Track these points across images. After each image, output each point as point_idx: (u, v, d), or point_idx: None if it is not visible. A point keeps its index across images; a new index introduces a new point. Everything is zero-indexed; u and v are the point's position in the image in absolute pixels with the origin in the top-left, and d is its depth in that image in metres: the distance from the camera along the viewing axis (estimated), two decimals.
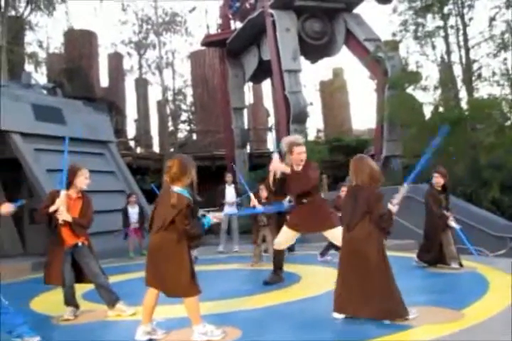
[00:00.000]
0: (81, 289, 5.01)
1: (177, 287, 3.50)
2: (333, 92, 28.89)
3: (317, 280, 6.04)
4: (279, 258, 5.73)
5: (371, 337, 3.36)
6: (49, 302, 5.58)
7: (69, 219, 4.47)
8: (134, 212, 10.03)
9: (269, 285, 5.59)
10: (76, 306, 4.62)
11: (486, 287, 4.77)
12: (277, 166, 5.31)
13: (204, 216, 3.69)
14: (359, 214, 3.82)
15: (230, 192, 9.75)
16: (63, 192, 4.50)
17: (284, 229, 5.54)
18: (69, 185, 4.59)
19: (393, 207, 3.86)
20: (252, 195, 7.31)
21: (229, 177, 9.96)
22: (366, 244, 3.76)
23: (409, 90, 14.00)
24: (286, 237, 5.54)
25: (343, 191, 6.94)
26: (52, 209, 4.46)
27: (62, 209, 4.45)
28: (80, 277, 4.63)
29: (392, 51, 14.51)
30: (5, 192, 11.69)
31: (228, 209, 9.59)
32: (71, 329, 4.28)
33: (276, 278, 5.73)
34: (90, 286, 4.76)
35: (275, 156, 5.36)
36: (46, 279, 4.59)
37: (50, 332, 4.08)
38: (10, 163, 11.31)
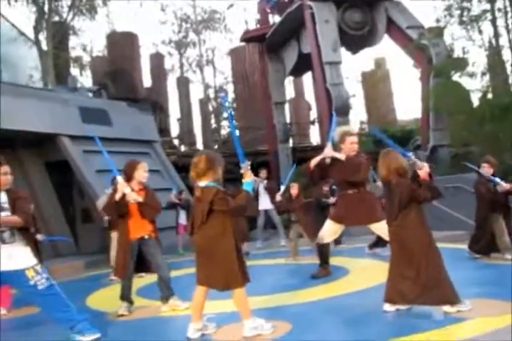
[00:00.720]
0: (135, 285, 5.12)
1: (225, 278, 3.51)
2: (375, 83, 28.35)
3: (366, 273, 5.97)
4: (324, 251, 5.68)
5: (424, 329, 3.30)
6: (104, 298, 5.78)
7: (139, 199, 4.58)
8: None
9: (317, 279, 5.57)
10: (130, 301, 4.74)
11: None
12: (331, 152, 5.27)
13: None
14: (396, 208, 3.76)
15: (262, 188, 9.77)
16: (119, 177, 4.64)
17: (328, 221, 5.48)
18: (129, 179, 4.70)
19: (422, 170, 3.75)
20: (281, 188, 7.67)
21: (263, 173, 9.98)
22: (411, 232, 3.71)
23: (456, 77, 13.57)
24: (329, 230, 5.47)
25: None
26: (118, 196, 4.56)
27: (128, 191, 4.55)
28: (140, 267, 4.76)
29: (436, 38, 14.06)
30: (57, 194, 12.13)
31: (264, 204, 9.66)
32: (126, 325, 4.41)
33: (324, 272, 5.70)
34: (144, 283, 4.88)
35: (328, 145, 5.33)
36: (115, 273, 4.71)
37: (106, 327, 4.18)
38: (60, 165, 11.74)
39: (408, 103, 60.98)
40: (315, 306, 4.41)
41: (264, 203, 9.68)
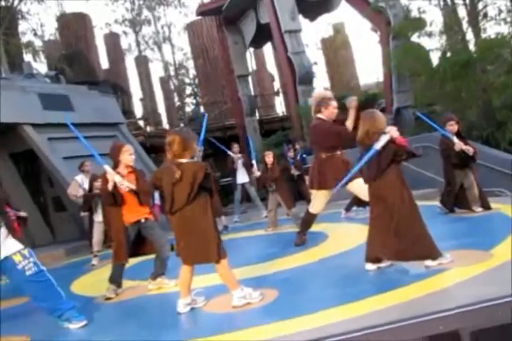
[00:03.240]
0: None
1: (206, 253, 3.56)
2: (336, 49, 28.34)
3: (345, 236, 6.13)
4: (310, 221, 5.71)
5: (407, 282, 3.44)
6: (88, 284, 5.77)
7: (132, 186, 4.55)
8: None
9: (300, 246, 5.68)
10: (119, 284, 4.75)
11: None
12: None
13: None
14: (377, 168, 3.84)
15: (240, 163, 9.82)
16: (107, 166, 4.60)
17: (314, 192, 5.46)
18: (115, 164, 4.66)
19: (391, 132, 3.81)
20: (254, 164, 7.72)
21: (235, 147, 10.02)
22: (391, 191, 3.80)
23: (415, 38, 13.66)
24: (319, 199, 5.43)
25: None
26: (110, 186, 4.51)
27: (120, 179, 4.52)
28: (138, 250, 4.77)
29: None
30: (26, 184, 11.88)
31: (240, 178, 9.77)
32: (115, 307, 4.43)
33: (303, 239, 5.80)
34: (128, 264, 4.88)
35: None
36: (115, 258, 4.68)
37: (94, 311, 4.21)
38: (26, 155, 11.46)
39: (370, 67, 61.30)
40: (299, 271, 4.52)
41: (241, 177, 9.77)
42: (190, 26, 26.65)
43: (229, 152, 9.81)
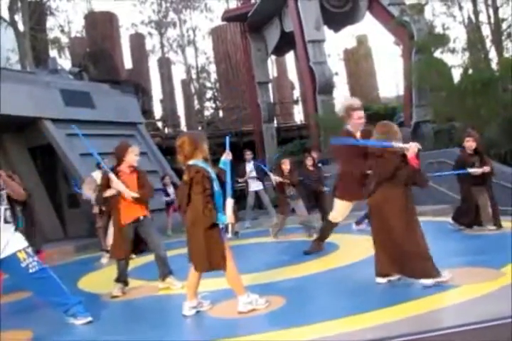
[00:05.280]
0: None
1: (212, 260, 3.56)
2: (358, 60, 28.33)
3: (355, 248, 6.08)
4: (328, 230, 5.66)
5: (415, 297, 3.42)
6: (96, 281, 5.80)
7: (136, 195, 4.61)
8: (170, 192, 10.28)
9: (310, 254, 5.65)
10: (126, 282, 4.77)
11: None
12: None
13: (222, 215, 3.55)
14: (374, 181, 3.83)
15: (249, 169, 9.93)
16: (111, 175, 4.64)
17: (336, 201, 5.37)
18: (119, 162, 4.72)
19: (410, 149, 3.73)
20: (270, 174, 7.70)
21: (248, 154, 10.07)
22: (391, 207, 3.76)
23: (437, 54, 13.62)
24: (340, 209, 5.36)
25: None
26: (109, 193, 4.58)
27: (124, 189, 4.58)
28: (134, 248, 4.80)
29: (417, 14, 14.07)
30: (41, 178, 12.02)
31: (253, 186, 9.84)
32: (121, 306, 4.46)
33: (318, 248, 5.75)
34: (137, 264, 4.92)
35: None
36: (112, 254, 4.73)
37: (101, 309, 4.22)
38: (44, 150, 11.60)
39: (391, 80, 61.05)
40: (308, 280, 4.51)
41: (254, 184, 9.83)
42: (214, 31, 26.87)
43: (269, 173, 8.67)
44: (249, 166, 9.96)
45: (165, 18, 26.57)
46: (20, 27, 17.66)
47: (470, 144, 6.14)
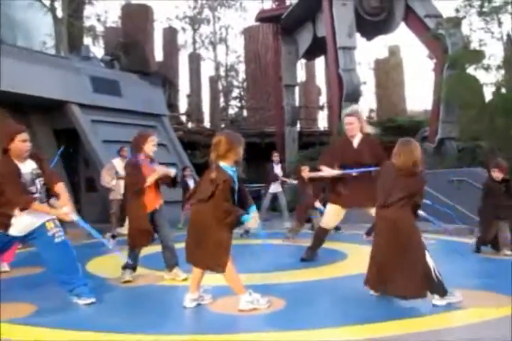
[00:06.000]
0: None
1: (211, 261, 3.60)
2: (388, 71, 28.09)
3: (363, 258, 6.01)
4: (321, 236, 5.70)
5: (417, 314, 3.38)
6: (104, 265, 5.87)
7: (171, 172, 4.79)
8: (190, 184, 10.33)
9: (306, 261, 5.63)
10: (134, 268, 4.81)
11: None
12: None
13: (247, 213, 3.64)
14: (397, 196, 3.75)
15: (276, 171, 9.99)
16: (160, 167, 4.82)
17: (330, 206, 5.44)
18: (137, 151, 4.78)
19: None
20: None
21: (276, 156, 10.08)
22: (401, 223, 3.73)
23: (470, 70, 13.42)
24: (332, 215, 5.45)
25: None
26: (150, 180, 4.65)
27: (167, 170, 4.80)
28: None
29: (454, 28, 13.86)
30: (63, 161, 12.19)
31: (273, 188, 9.89)
32: (125, 291, 4.52)
33: (313, 255, 5.74)
34: (145, 253, 4.96)
35: None
36: (136, 244, 4.73)
37: (105, 292, 4.30)
38: (67, 133, 11.78)
39: (420, 94, 60.45)
40: (310, 285, 4.50)
41: (274, 186, 9.91)
42: (247, 30, 26.91)
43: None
44: (277, 168, 10.04)
45: (200, 15, 26.77)
46: (59, 13, 17.96)
47: (497, 175, 6.02)
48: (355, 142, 5.26)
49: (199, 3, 27.00)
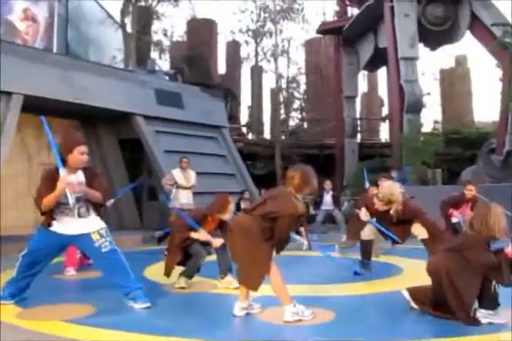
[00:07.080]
0: None
1: (247, 277, 3.71)
2: (454, 81, 27.22)
3: (419, 273, 5.88)
4: (365, 248, 5.75)
5: (466, 333, 3.29)
6: (160, 271, 6.07)
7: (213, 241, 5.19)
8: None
9: (359, 275, 5.59)
10: (191, 276, 5.00)
11: None
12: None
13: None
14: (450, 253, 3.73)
15: (327, 200, 10.20)
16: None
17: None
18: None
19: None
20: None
21: (327, 184, 10.15)
22: (441, 266, 3.69)
23: None
24: (371, 227, 5.64)
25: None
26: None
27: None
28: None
29: None
30: (127, 170, 12.72)
31: (326, 206, 10.18)
32: (177, 297, 4.66)
33: (367, 268, 5.71)
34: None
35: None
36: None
37: (159, 297, 4.45)
38: (132, 143, 12.30)
39: (489, 104, 57.94)
40: (362, 299, 4.47)
41: (327, 204, 10.16)
42: (308, 43, 27.02)
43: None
44: (327, 197, 10.18)
45: (262, 28, 27.12)
46: (128, 29, 18.87)
47: None
48: None
49: (262, 16, 27.39)
